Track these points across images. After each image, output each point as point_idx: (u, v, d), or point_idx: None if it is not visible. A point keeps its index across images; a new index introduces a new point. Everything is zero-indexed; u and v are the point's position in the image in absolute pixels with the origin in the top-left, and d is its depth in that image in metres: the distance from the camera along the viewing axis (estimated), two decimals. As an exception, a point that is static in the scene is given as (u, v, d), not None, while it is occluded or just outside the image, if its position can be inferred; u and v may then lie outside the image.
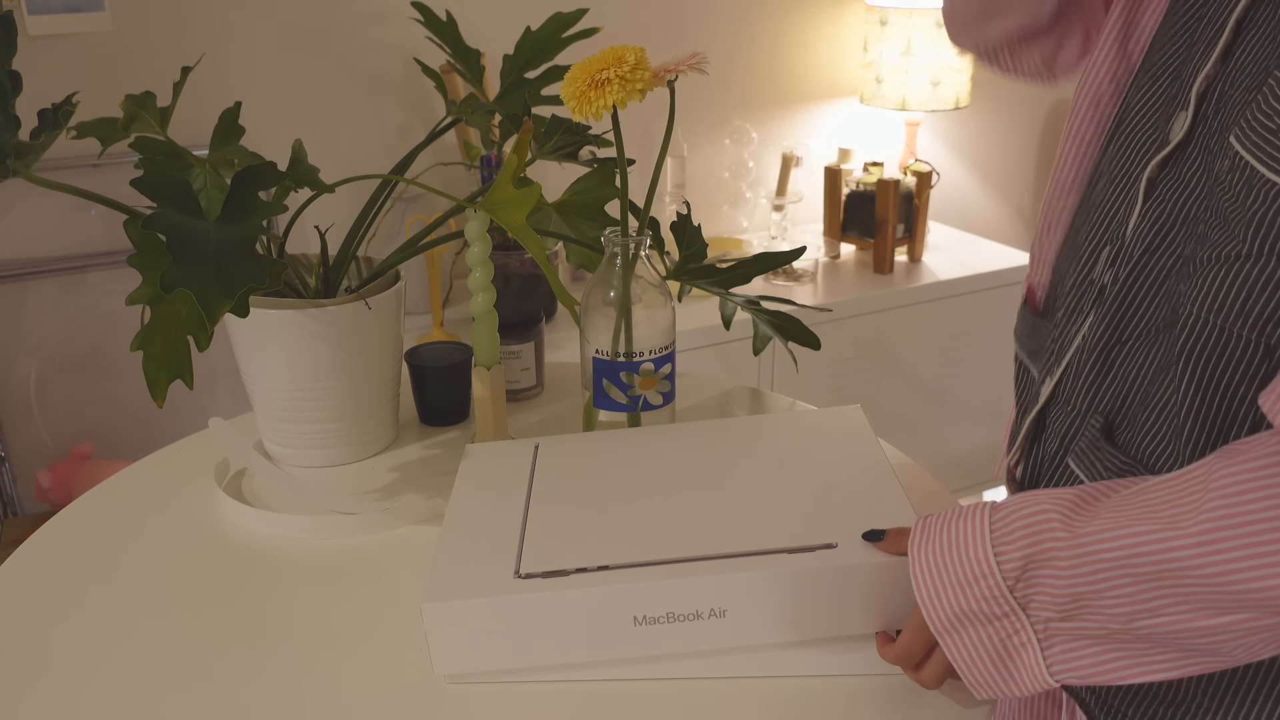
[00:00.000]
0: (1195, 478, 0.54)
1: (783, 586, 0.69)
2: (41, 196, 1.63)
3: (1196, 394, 0.60)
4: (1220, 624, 0.53)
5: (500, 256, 1.73)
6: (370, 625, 0.79)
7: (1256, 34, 0.58)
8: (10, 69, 0.83)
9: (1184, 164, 0.63)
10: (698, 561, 0.70)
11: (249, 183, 0.79)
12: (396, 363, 1.03)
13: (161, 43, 1.70)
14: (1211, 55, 0.61)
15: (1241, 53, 0.59)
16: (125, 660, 0.75)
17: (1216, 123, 0.60)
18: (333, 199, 0.96)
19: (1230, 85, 0.59)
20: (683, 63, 0.86)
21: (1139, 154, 0.67)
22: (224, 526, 0.92)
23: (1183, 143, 0.63)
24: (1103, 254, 0.69)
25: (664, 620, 0.69)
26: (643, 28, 2.05)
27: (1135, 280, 0.65)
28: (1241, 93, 0.58)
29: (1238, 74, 0.59)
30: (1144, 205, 0.65)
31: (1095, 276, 0.69)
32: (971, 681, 0.63)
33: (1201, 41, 0.63)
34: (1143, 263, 0.64)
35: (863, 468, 0.81)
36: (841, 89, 2.30)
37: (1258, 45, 0.58)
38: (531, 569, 0.71)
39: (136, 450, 1.79)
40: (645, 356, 0.94)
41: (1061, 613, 0.59)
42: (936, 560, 0.62)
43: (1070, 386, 0.70)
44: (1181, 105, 0.64)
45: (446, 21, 1.12)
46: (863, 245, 2.18)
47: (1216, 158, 0.59)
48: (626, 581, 0.69)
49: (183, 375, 0.77)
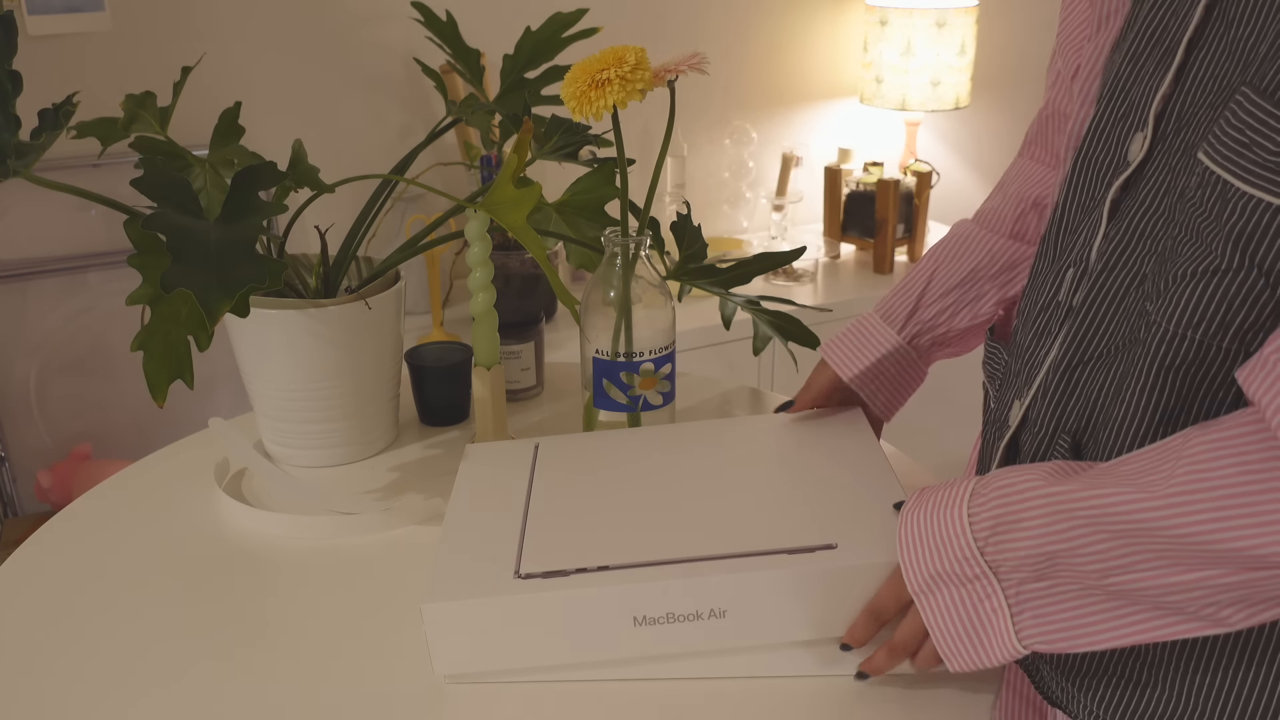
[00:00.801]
0: (1171, 447, 0.56)
1: (783, 587, 0.69)
2: (41, 196, 1.63)
3: (1172, 407, 0.61)
4: (1190, 580, 0.55)
5: (500, 256, 1.73)
6: (370, 625, 0.79)
7: (1209, 52, 0.59)
8: (10, 69, 0.83)
9: (1143, 183, 0.64)
10: (698, 562, 0.70)
11: (249, 183, 0.79)
12: (396, 363, 1.03)
13: (161, 43, 1.70)
14: (1166, 75, 0.62)
15: (1196, 71, 0.60)
16: (125, 659, 0.75)
17: (1178, 141, 0.61)
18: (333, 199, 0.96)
19: (1188, 103, 0.61)
20: (683, 63, 0.86)
21: (1099, 176, 0.68)
22: (224, 526, 0.92)
23: (1142, 163, 0.64)
24: (1067, 275, 0.70)
25: (664, 621, 0.69)
26: (643, 28, 2.05)
27: (1096, 300, 0.66)
28: (1204, 110, 0.59)
29: (1195, 92, 0.60)
30: (1108, 226, 0.66)
31: (1061, 299, 0.70)
32: (945, 650, 0.65)
33: (1151, 62, 0.64)
34: (1103, 282, 0.66)
35: (863, 468, 0.81)
36: (841, 89, 2.30)
37: (1212, 63, 0.59)
38: (531, 569, 0.71)
39: (136, 450, 1.79)
40: (645, 356, 0.94)
41: (1035, 572, 0.61)
42: (920, 523, 0.66)
43: (1038, 409, 0.71)
44: (1138, 126, 0.65)
45: (446, 21, 1.12)
46: (863, 245, 2.18)
47: (1180, 175, 0.61)
48: (626, 582, 0.69)
49: (183, 375, 0.77)
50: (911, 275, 0.93)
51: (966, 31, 2.09)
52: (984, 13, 2.24)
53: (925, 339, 0.92)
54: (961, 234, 0.92)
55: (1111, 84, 0.68)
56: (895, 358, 0.92)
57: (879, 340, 0.92)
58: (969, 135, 2.45)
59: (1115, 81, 0.67)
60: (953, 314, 0.91)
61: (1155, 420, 0.61)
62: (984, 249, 0.90)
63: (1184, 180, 0.60)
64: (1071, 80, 0.80)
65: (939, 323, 0.91)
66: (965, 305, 0.90)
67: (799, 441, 0.86)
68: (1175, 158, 0.61)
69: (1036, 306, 0.73)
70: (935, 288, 0.91)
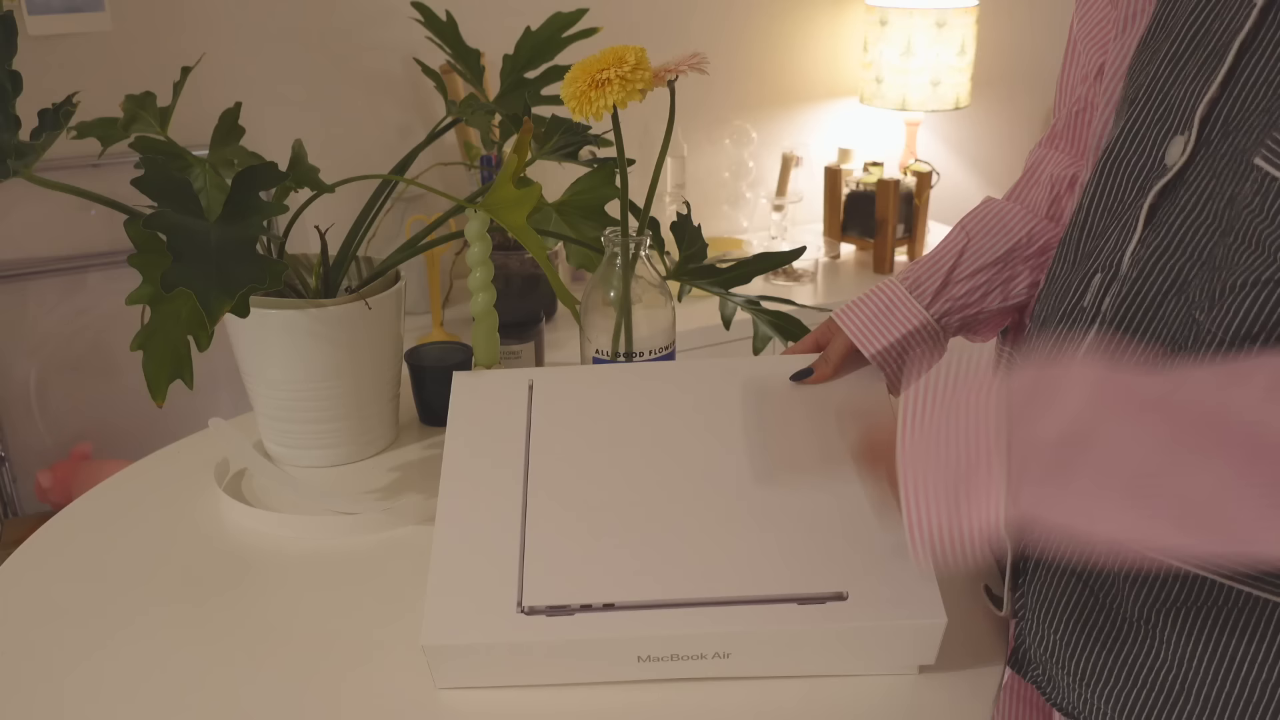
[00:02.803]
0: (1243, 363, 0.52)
1: (789, 638, 0.68)
2: (41, 196, 1.61)
3: None
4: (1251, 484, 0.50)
5: (500, 256, 1.73)
6: (370, 625, 0.79)
7: (1263, 56, 0.58)
8: (10, 69, 0.83)
9: (1183, 189, 0.62)
10: (705, 607, 0.68)
11: (249, 183, 0.79)
12: (396, 363, 1.03)
13: (161, 43, 1.70)
14: (1215, 78, 0.60)
15: (1248, 75, 0.59)
16: (125, 659, 0.75)
17: (1225, 145, 0.60)
18: (333, 199, 0.95)
19: (1238, 107, 0.59)
20: (683, 63, 0.86)
21: (1130, 180, 0.66)
22: (224, 526, 0.92)
23: (1183, 168, 0.62)
24: (1094, 280, 0.67)
25: (667, 659, 0.69)
26: (643, 28, 2.05)
27: (1132, 307, 0.64)
28: (1257, 115, 0.57)
29: (1246, 96, 0.59)
30: (1143, 233, 0.64)
31: (1085, 304, 0.68)
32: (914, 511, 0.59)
33: (1194, 64, 0.62)
34: (1138, 288, 0.64)
35: None
36: (841, 89, 2.30)
37: (1267, 67, 0.58)
38: (534, 601, 0.69)
39: (136, 450, 1.78)
40: (645, 356, 0.94)
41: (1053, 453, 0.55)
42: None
43: None
44: (1178, 129, 0.63)
45: (446, 21, 1.12)
46: (863, 245, 2.18)
47: (1229, 182, 0.59)
48: (632, 626, 0.68)
49: (183, 375, 0.77)
50: (940, 249, 0.87)
51: (966, 31, 2.09)
52: (984, 13, 2.24)
53: (955, 319, 0.86)
54: (997, 210, 0.86)
55: (1148, 86, 0.66)
56: (921, 335, 0.84)
57: (905, 314, 0.85)
58: (969, 135, 2.45)
59: (1152, 84, 0.65)
60: (985, 293, 0.85)
61: None
62: (1023, 228, 0.84)
63: (1234, 186, 0.58)
64: (1096, 79, 0.79)
65: (970, 302, 0.85)
66: (998, 285, 0.85)
67: (818, 432, 0.80)
68: (1222, 163, 0.60)
69: (1057, 313, 0.70)
70: (967, 264, 0.85)
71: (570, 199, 1.05)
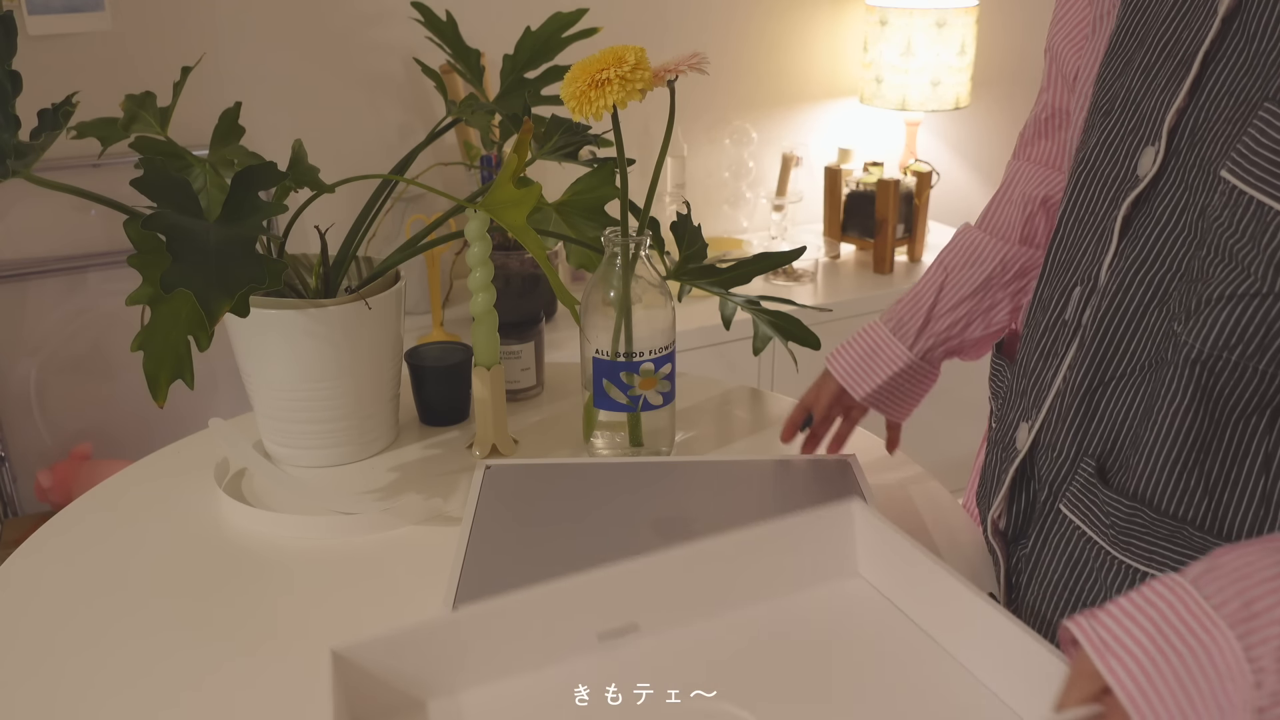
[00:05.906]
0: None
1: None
2: (41, 196, 1.62)
3: (1205, 430, 0.59)
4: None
5: (500, 256, 1.73)
6: (370, 625, 0.79)
7: (1227, 66, 0.57)
8: (10, 69, 0.83)
9: (1157, 200, 0.62)
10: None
11: (249, 183, 0.79)
12: (396, 363, 1.03)
13: (161, 43, 1.70)
14: (1180, 88, 0.60)
15: (1213, 85, 0.58)
16: (125, 659, 0.75)
17: (1194, 156, 0.59)
18: (333, 199, 0.95)
19: (1204, 117, 0.59)
20: (683, 63, 0.86)
21: (1105, 192, 0.66)
22: (224, 526, 0.92)
23: (1154, 179, 0.62)
24: (1073, 294, 0.67)
25: None
26: (643, 28, 2.05)
27: (1112, 320, 0.64)
28: (1222, 125, 0.57)
29: (1211, 106, 0.58)
30: (1119, 244, 0.64)
31: (1067, 317, 0.68)
32: None
33: (1164, 74, 0.62)
34: (1118, 301, 0.63)
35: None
36: (841, 89, 2.30)
37: (1231, 77, 0.57)
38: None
39: (136, 450, 1.78)
40: (645, 356, 0.94)
41: None
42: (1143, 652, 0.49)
43: (1054, 432, 0.68)
44: (1148, 140, 0.62)
45: (446, 21, 1.12)
46: (863, 245, 2.18)
47: (1200, 193, 0.59)
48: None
49: (183, 375, 0.77)
50: (920, 286, 0.90)
51: (966, 31, 2.09)
52: (984, 13, 2.24)
53: (939, 351, 0.90)
54: (970, 241, 0.90)
55: (1122, 96, 0.65)
56: (908, 373, 0.89)
57: (890, 357, 0.90)
58: (969, 135, 2.45)
59: (1125, 94, 0.65)
60: (965, 325, 0.88)
61: (1188, 443, 0.59)
62: (996, 257, 0.87)
63: (1204, 198, 0.58)
64: (1073, 83, 0.79)
65: (952, 334, 0.89)
66: (979, 316, 0.88)
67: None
68: (1191, 174, 0.59)
69: (1040, 327, 0.71)
70: (946, 299, 0.88)
71: (570, 199, 1.05)
